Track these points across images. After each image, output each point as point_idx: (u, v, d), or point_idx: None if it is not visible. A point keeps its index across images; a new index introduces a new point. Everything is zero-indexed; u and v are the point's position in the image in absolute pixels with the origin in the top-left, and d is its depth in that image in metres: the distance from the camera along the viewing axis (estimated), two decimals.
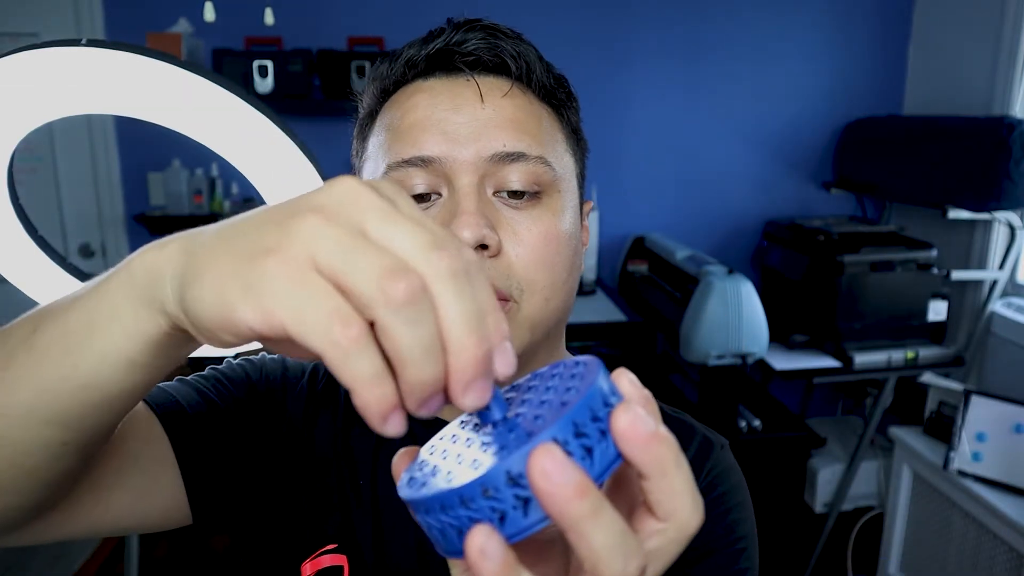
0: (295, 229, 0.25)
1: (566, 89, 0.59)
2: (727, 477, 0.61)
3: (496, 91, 0.55)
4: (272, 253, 0.25)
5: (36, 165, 2.64)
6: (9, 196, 0.62)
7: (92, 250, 2.71)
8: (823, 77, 2.83)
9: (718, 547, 0.57)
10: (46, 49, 0.52)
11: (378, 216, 0.26)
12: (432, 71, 0.56)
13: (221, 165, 2.64)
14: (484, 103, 0.54)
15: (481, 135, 0.53)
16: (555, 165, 0.55)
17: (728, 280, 2.05)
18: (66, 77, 0.53)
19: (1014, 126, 2.06)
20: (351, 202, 0.26)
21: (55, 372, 0.33)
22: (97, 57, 0.53)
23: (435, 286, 0.25)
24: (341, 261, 0.24)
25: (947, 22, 2.65)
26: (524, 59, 0.55)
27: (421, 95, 0.55)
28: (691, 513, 0.27)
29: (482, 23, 0.56)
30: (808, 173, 2.91)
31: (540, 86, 0.57)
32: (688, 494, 0.27)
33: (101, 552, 2.62)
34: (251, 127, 0.59)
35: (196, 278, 0.27)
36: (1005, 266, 2.33)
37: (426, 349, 0.24)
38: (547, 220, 0.54)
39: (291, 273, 0.24)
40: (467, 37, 0.55)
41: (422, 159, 0.53)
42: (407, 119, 0.54)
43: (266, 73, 2.40)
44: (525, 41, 0.57)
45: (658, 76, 2.77)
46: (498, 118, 0.53)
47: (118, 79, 0.54)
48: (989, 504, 1.75)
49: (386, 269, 0.24)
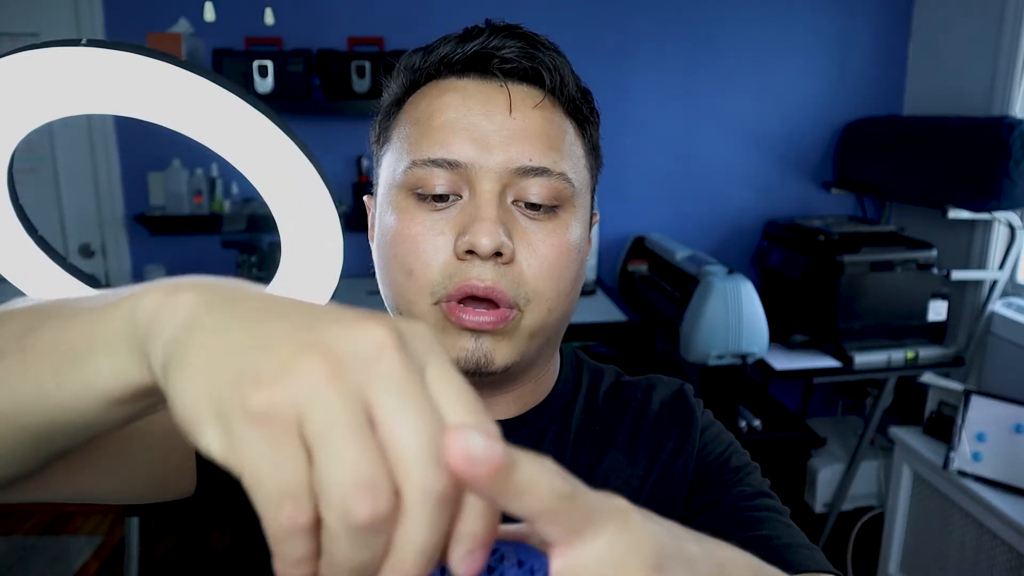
0: (297, 372, 0.23)
1: (591, 104, 0.60)
2: (714, 436, 0.66)
3: (528, 101, 0.55)
4: (261, 387, 0.22)
5: (36, 165, 2.64)
6: (9, 196, 0.62)
7: (92, 250, 2.71)
8: (823, 77, 2.83)
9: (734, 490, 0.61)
10: (46, 49, 0.52)
11: (392, 391, 0.23)
12: (467, 71, 0.56)
13: (221, 165, 2.64)
14: (515, 113, 0.54)
15: (510, 145, 0.53)
16: (574, 181, 0.56)
17: (728, 280, 2.05)
18: (66, 77, 0.53)
19: (1014, 126, 2.06)
20: (371, 360, 0.23)
21: (37, 386, 0.31)
22: (97, 57, 0.53)
23: (412, 508, 0.22)
24: (324, 441, 0.22)
25: (947, 22, 2.65)
26: (559, 72, 0.55)
27: (454, 94, 0.55)
28: None
29: (521, 30, 0.56)
30: (808, 173, 2.91)
31: (569, 100, 0.57)
32: None
33: (101, 552, 2.62)
34: (251, 127, 0.59)
35: (182, 366, 0.25)
36: (1005, 266, 2.33)
37: (360, 571, 0.23)
38: (561, 234, 0.55)
39: (269, 425, 0.22)
40: (506, 43, 0.55)
41: (448, 162, 0.53)
42: (437, 118, 0.54)
43: (266, 73, 2.39)
44: (561, 53, 0.58)
45: (658, 76, 2.77)
46: (528, 130, 0.54)
47: (118, 79, 0.54)
48: (989, 504, 1.75)
49: (360, 481, 0.22)
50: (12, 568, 2.52)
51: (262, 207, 1.92)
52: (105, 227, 2.70)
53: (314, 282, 0.66)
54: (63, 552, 2.60)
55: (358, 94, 2.42)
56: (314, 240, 0.63)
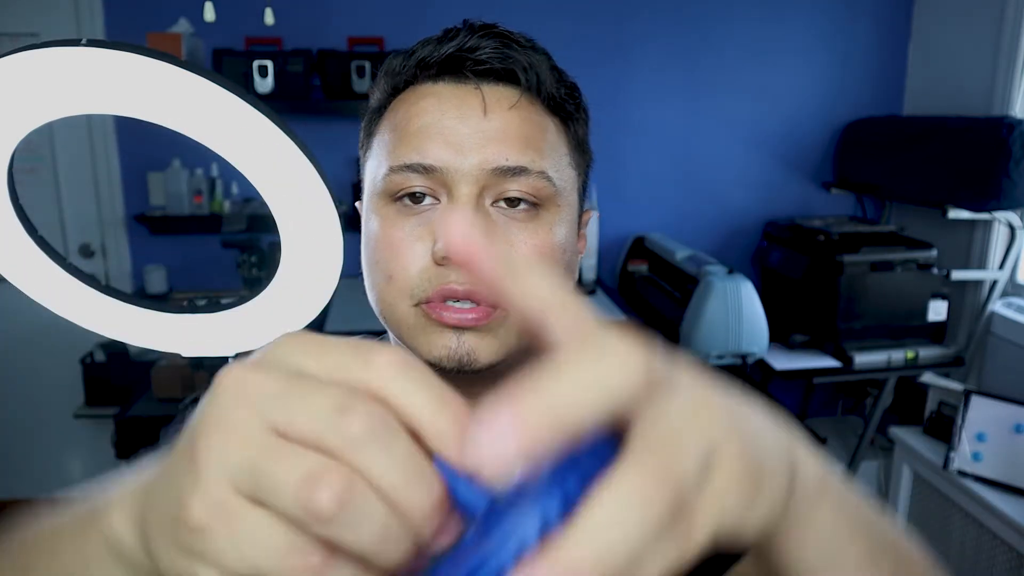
0: (200, 460, 0.23)
1: (576, 100, 0.59)
2: None
3: (504, 102, 0.54)
4: (193, 502, 0.23)
5: (36, 165, 2.64)
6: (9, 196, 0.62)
7: (92, 250, 2.71)
8: (823, 77, 2.83)
9: None
10: (46, 49, 0.52)
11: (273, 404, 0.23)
12: (443, 75, 0.55)
13: (221, 165, 2.64)
14: (490, 114, 0.54)
15: (485, 147, 0.53)
16: (556, 179, 0.55)
17: (728, 280, 2.05)
18: (66, 77, 0.53)
19: (1014, 126, 2.06)
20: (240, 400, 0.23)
21: None
22: (97, 57, 0.53)
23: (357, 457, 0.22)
24: (255, 484, 0.22)
25: (947, 22, 2.65)
26: (535, 70, 0.55)
27: (429, 99, 0.55)
28: None
29: (497, 29, 0.55)
30: (808, 173, 2.91)
31: (549, 98, 0.56)
32: None
33: None
34: (251, 127, 0.58)
35: (155, 551, 0.26)
36: (1005, 266, 2.33)
37: (382, 539, 0.22)
38: (543, 234, 0.54)
39: (218, 516, 0.22)
40: (481, 44, 0.54)
41: (424, 167, 0.53)
42: (413, 123, 0.54)
43: (266, 73, 2.40)
44: (539, 50, 0.57)
45: (658, 76, 2.77)
46: (503, 131, 0.53)
47: (118, 79, 0.54)
48: (989, 504, 1.75)
49: (302, 479, 0.22)
50: None
51: (262, 207, 1.92)
52: (105, 227, 2.70)
53: (314, 282, 0.66)
54: None
55: (358, 94, 2.42)
56: (314, 240, 0.63)
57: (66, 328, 0.95)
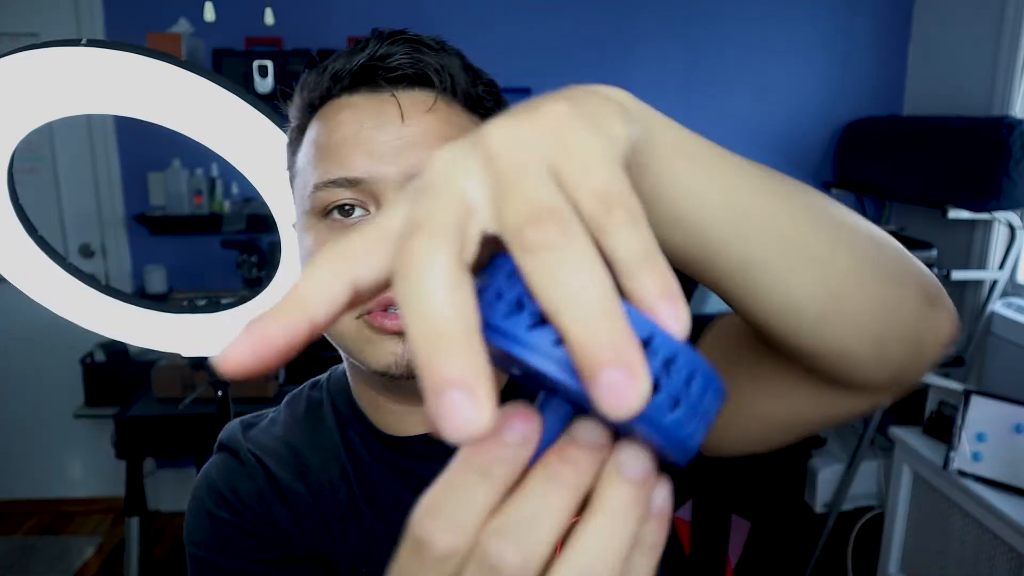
0: None
1: (496, 97, 0.59)
2: None
3: (420, 106, 0.54)
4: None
5: (36, 165, 2.64)
6: (9, 196, 0.62)
7: (92, 250, 2.72)
8: (823, 77, 2.84)
9: None
10: (46, 49, 0.52)
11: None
12: (357, 86, 0.55)
13: (221, 165, 2.64)
14: (407, 120, 0.53)
15: (407, 153, 0.52)
16: None
17: None
18: (66, 77, 0.53)
19: (1014, 126, 2.06)
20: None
21: None
22: (97, 57, 0.53)
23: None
24: None
25: (947, 22, 2.65)
26: (448, 71, 0.55)
27: (347, 111, 0.55)
28: None
29: (406, 35, 0.56)
30: (808, 173, 2.91)
31: (467, 97, 0.56)
32: None
33: (101, 552, 2.62)
34: (251, 127, 0.59)
35: None
36: (1005, 266, 2.33)
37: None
38: None
39: None
40: (391, 51, 0.54)
41: (348, 180, 0.52)
42: (333, 137, 0.54)
43: (266, 73, 2.40)
44: (450, 51, 0.57)
45: (659, 76, 2.77)
46: (423, 135, 0.53)
47: (118, 79, 0.54)
48: (989, 504, 1.75)
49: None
50: (12, 568, 2.53)
51: (262, 207, 1.92)
52: (105, 227, 2.70)
53: None
54: (63, 552, 2.61)
55: None
56: None
57: (66, 328, 0.95)
